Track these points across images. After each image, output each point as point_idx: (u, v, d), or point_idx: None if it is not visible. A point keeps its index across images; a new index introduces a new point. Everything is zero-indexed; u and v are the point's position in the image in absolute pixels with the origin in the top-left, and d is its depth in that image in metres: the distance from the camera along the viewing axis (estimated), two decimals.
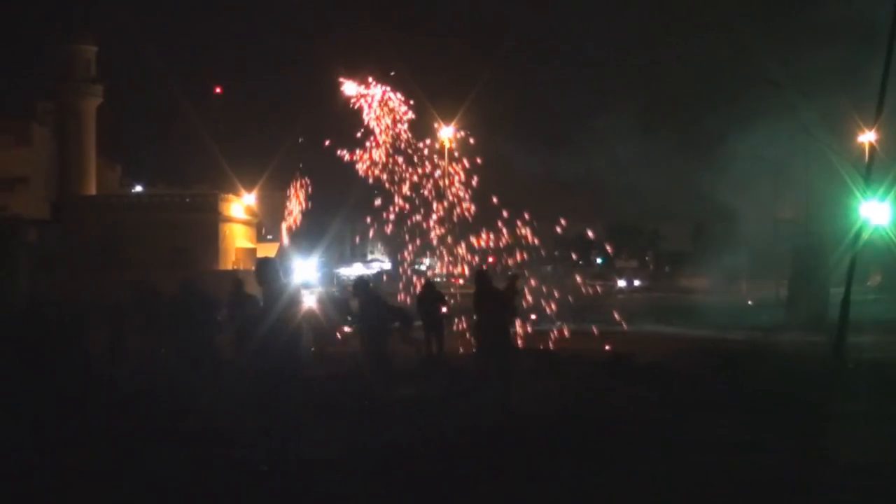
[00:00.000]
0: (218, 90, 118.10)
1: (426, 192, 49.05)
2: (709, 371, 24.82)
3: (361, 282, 19.74)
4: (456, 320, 34.53)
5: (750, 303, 65.30)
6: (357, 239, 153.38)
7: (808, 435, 16.06)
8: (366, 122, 46.54)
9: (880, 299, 60.54)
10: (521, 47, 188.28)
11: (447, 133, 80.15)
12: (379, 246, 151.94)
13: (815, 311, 43.51)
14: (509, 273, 36.54)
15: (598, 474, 13.60)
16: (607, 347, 32.62)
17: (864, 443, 15.56)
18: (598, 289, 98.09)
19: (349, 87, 44.36)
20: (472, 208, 47.32)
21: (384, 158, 47.28)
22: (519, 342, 31.37)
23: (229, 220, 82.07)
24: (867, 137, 56.09)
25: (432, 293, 27.31)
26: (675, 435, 16.42)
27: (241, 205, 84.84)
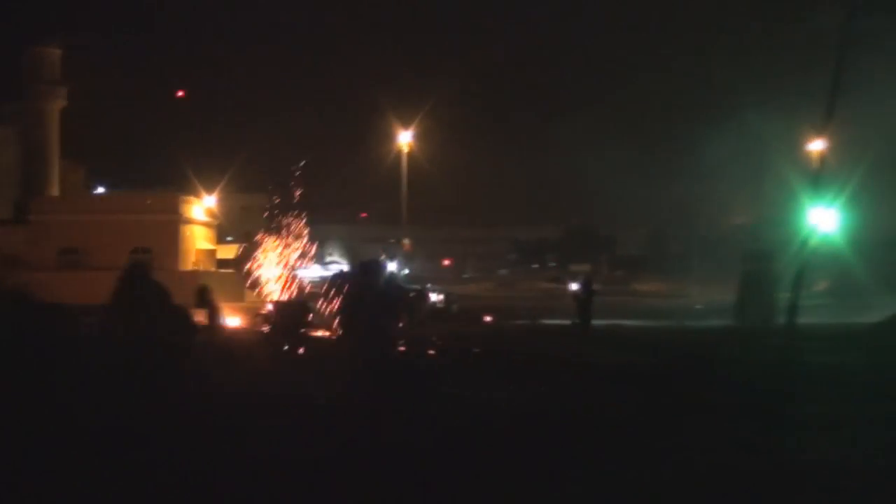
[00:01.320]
0: (180, 94, 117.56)
1: None
2: (657, 375, 24.93)
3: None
4: None
5: (698, 306, 65.70)
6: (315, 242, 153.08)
7: (759, 435, 16.06)
8: None
9: (827, 304, 60.92)
10: (485, 54, 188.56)
11: (406, 138, 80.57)
12: (332, 249, 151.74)
13: (762, 315, 43.80)
14: (585, 273, 37.59)
15: (568, 477, 13.46)
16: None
17: (815, 442, 15.63)
18: (551, 291, 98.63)
19: None
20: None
21: None
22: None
23: (190, 221, 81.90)
24: (815, 147, 56.41)
25: None
26: (634, 437, 16.35)
27: (201, 207, 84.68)
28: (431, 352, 32.71)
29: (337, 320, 25.90)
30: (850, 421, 17.63)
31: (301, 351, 29.03)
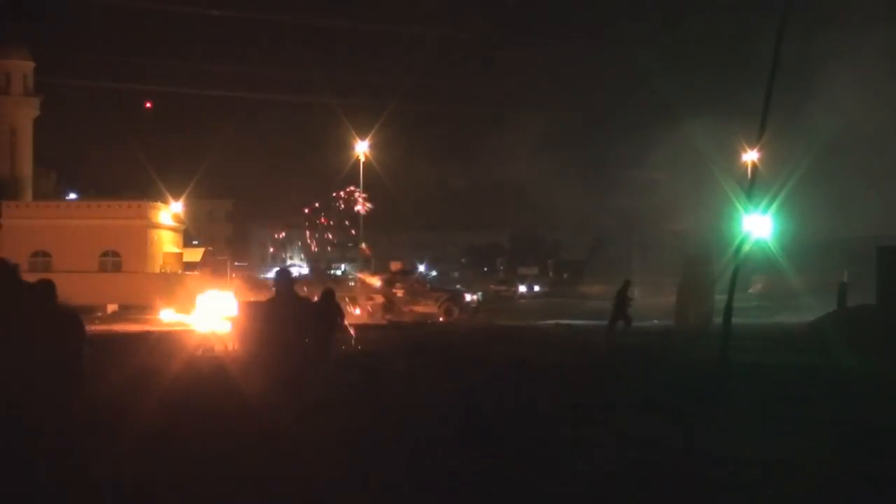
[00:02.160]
0: (148, 105, 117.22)
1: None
2: (600, 374, 24.96)
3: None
4: None
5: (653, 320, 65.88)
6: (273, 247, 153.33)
7: (693, 433, 16.06)
8: None
9: (761, 306, 61.37)
10: (435, 62, 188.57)
11: (362, 147, 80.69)
12: (289, 252, 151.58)
13: (701, 317, 44.00)
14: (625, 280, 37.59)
15: (492, 472, 13.33)
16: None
17: (745, 440, 15.56)
18: (500, 293, 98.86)
19: None
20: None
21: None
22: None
23: (157, 226, 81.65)
24: (750, 156, 56.93)
25: (330, 303, 25.83)
26: (564, 434, 16.27)
27: (168, 212, 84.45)
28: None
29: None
30: (773, 419, 17.68)
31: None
